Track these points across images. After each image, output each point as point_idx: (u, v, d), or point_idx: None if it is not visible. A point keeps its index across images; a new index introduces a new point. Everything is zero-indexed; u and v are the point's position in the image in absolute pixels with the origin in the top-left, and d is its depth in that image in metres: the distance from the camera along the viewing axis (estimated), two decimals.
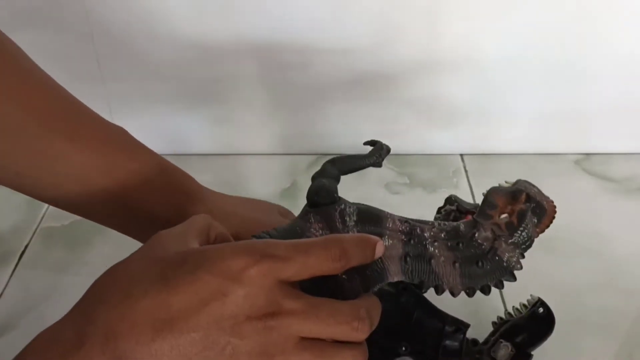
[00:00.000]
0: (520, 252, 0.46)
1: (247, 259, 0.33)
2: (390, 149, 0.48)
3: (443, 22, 0.70)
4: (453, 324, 0.51)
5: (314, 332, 0.34)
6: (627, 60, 0.72)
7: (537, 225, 0.47)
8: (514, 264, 0.45)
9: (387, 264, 0.41)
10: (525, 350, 0.52)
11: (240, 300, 0.33)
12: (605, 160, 0.79)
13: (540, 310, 0.53)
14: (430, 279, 0.42)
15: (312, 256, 0.35)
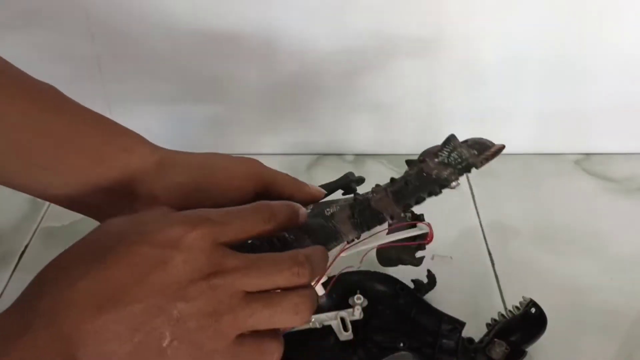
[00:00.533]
0: (453, 170, 0.49)
1: (184, 227, 0.34)
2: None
3: (443, 21, 0.70)
4: (449, 323, 0.52)
5: (258, 285, 0.35)
6: (627, 60, 0.72)
7: (478, 155, 0.51)
8: (444, 176, 0.49)
9: (338, 226, 0.45)
10: (519, 348, 0.53)
11: (180, 266, 0.33)
12: (605, 160, 0.79)
13: (532, 310, 0.54)
14: (374, 219, 0.45)
15: (245, 219, 0.37)
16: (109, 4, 0.69)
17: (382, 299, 0.53)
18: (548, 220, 0.71)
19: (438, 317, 0.53)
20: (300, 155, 0.80)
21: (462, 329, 0.52)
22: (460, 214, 0.72)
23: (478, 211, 0.72)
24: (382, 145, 0.80)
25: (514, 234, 0.69)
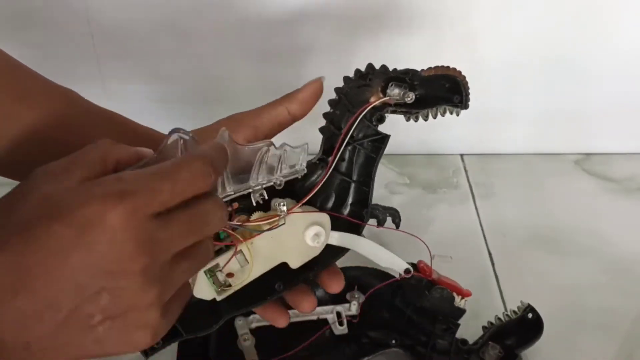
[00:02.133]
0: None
1: (104, 203, 0.30)
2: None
3: (443, 21, 0.70)
4: (444, 323, 0.52)
5: (190, 241, 0.34)
6: (627, 61, 0.72)
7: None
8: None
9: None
10: (513, 352, 0.53)
11: (105, 248, 0.30)
12: (605, 160, 0.79)
13: (529, 315, 0.54)
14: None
15: (178, 180, 0.33)
16: (108, 4, 0.69)
17: (379, 295, 0.53)
18: (548, 220, 0.71)
19: (433, 317, 0.53)
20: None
21: (456, 329, 0.52)
22: (460, 214, 0.72)
23: (478, 211, 0.72)
24: None
25: (514, 234, 0.69)
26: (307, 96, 0.49)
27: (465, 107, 0.50)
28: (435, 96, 0.48)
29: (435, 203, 0.74)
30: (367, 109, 0.45)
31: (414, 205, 0.73)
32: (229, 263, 0.42)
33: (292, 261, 0.44)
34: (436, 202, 0.74)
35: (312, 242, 0.43)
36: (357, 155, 0.48)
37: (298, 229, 0.43)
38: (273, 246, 0.43)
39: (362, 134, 0.47)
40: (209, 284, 0.42)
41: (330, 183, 0.47)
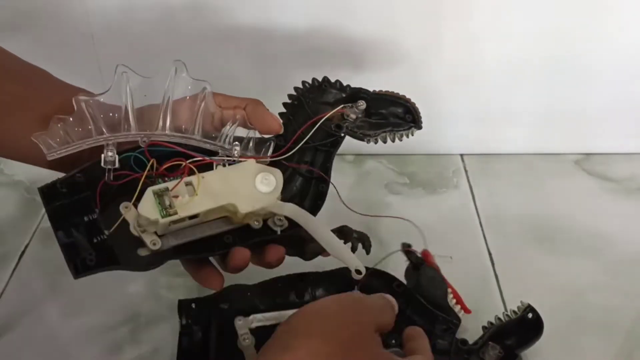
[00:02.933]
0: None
1: None
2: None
3: (443, 21, 0.70)
4: (444, 323, 0.52)
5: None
6: (627, 60, 0.72)
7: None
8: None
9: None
10: (513, 352, 0.53)
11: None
12: (605, 160, 0.79)
13: (529, 315, 0.54)
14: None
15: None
16: (108, 4, 0.69)
17: None
18: (548, 220, 0.71)
19: (433, 316, 0.53)
20: None
21: (456, 329, 0.52)
22: (460, 214, 0.72)
23: (478, 211, 0.72)
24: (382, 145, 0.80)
25: (514, 234, 0.69)
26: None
27: (419, 127, 0.53)
28: (387, 112, 0.53)
29: (435, 203, 0.74)
30: (325, 117, 0.50)
31: (414, 205, 0.73)
32: (178, 190, 0.44)
33: (240, 204, 0.45)
34: (436, 202, 0.74)
35: (261, 186, 0.46)
36: (315, 156, 0.51)
37: (249, 175, 0.46)
38: (224, 185, 0.45)
39: (320, 137, 0.51)
40: (155, 204, 0.43)
41: (291, 180, 0.51)
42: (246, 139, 0.49)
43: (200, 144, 0.46)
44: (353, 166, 0.79)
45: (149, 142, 0.45)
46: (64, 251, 0.44)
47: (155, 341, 0.58)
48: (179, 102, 0.48)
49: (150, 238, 0.44)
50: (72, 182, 0.44)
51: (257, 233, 0.47)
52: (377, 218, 0.70)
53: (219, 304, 0.54)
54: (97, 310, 0.61)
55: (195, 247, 0.46)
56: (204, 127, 0.47)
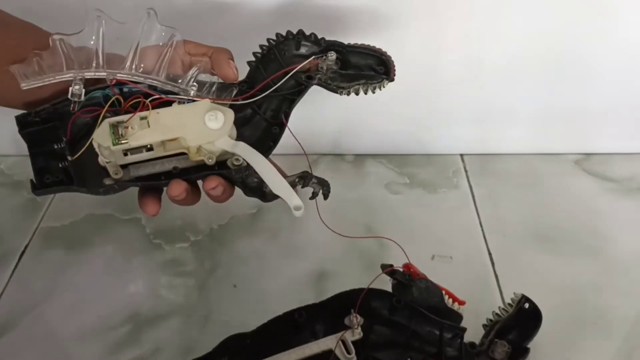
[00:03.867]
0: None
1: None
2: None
3: (443, 21, 0.70)
4: (450, 331, 0.52)
5: None
6: (627, 60, 0.72)
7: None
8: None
9: None
10: (522, 345, 0.53)
11: None
12: (605, 160, 0.79)
13: (526, 305, 0.54)
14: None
15: None
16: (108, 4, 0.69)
17: (378, 315, 0.52)
18: (548, 220, 0.71)
19: (438, 326, 0.52)
20: (301, 155, 0.80)
21: (463, 334, 0.52)
22: (460, 214, 0.72)
23: (478, 211, 0.72)
24: (382, 145, 0.81)
25: (514, 234, 0.69)
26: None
27: (391, 79, 0.53)
28: (360, 64, 0.54)
29: (435, 203, 0.74)
30: (298, 68, 0.52)
31: (414, 205, 0.73)
32: (132, 122, 0.47)
33: (189, 138, 0.47)
34: (436, 202, 0.74)
35: (208, 122, 0.47)
36: (282, 103, 0.53)
37: (200, 112, 0.48)
38: (176, 120, 0.48)
39: (288, 87, 0.52)
40: (109, 133, 0.46)
41: (251, 121, 0.52)
42: (209, 83, 0.52)
43: (162, 85, 0.50)
44: (353, 166, 0.80)
45: (114, 80, 0.49)
46: (33, 171, 0.49)
47: (155, 341, 0.58)
48: (148, 47, 0.51)
49: (114, 168, 0.48)
50: (45, 114, 0.49)
51: (208, 169, 0.49)
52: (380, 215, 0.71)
53: (219, 359, 0.51)
54: (97, 310, 0.61)
55: (152, 177, 0.49)
56: (172, 71, 0.51)
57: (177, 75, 0.51)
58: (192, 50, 0.52)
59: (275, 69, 0.52)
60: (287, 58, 0.53)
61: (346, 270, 0.57)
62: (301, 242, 0.68)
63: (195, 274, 0.65)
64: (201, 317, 0.60)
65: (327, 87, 0.52)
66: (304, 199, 0.49)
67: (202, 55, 0.52)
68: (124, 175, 0.48)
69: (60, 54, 0.49)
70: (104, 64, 0.49)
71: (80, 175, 0.49)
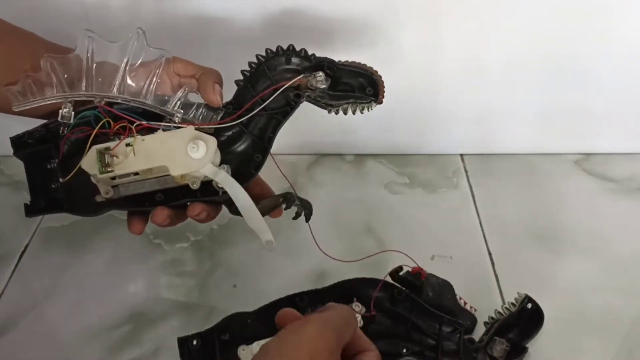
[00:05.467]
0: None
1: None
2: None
3: (443, 21, 0.70)
4: (449, 325, 0.52)
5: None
6: (627, 61, 0.72)
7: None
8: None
9: None
10: (520, 344, 0.53)
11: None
12: (605, 160, 0.79)
13: (528, 305, 0.54)
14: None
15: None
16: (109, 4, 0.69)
17: (380, 305, 0.53)
18: (548, 220, 0.71)
19: (438, 319, 0.52)
20: (300, 155, 0.80)
21: (462, 329, 0.52)
22: (460, 214, 0.72)
23: (478, 211, 0.72)
24: (382, 145, 0.81)
25: (514, 234, 0.69)
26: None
27: (379, 101, 0.53)
28: (350, 83, 0.53)
29: (435, 203, 0.74)
30: (287, 85, 0.51)
31: (414, 205, 0.73)
32: (118, 149, 0.48)
33: (172, 167, 0.48)
34: (436, 202, 0.74)
35: (190, 152, 0.48)
36: (269, 123, 0.53)
37: (184, 140, 0.48)
38: (160, 148, 0.48)
39: (277, 105, 0.52)
40: (96, 160, 0.47)
41: (237, 141, 0.53)
42: (196, 104, 0.52)
43: (150, 108, 0.50)
44: (353, 166, 0.79)
45: (102, 104, 0.49)
46: (29, 190, 0.50)
47: (155, 341, 0.58)
48: (137, 67, 0.51)
49: (105, 188, 0.49)
50: (39, 135, 0.50)
51: (192, 194, 0.50)
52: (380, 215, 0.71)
53: (220, 335, 0.53)
54: (97, 310, 0.61)
55: (137, 200, 0.50)
56: (162, 92, 0.51)
57: (165, 95, 0.51)
58: (181, 71, 0.52)
59: (264, 86, 0.52)
60: (277, 74, 0.53)
61: (346, 270, 0.57)
62: (301, 242, 0.68)
63: (195, 274, 0.65)
64: (201, 317, 0.60)
65: (317, 104, 0.53)
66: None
67: (190, 77, 0.52)
68: (114, 194, 0.50)
69: (51, 76, 0.49)
70: (93, 85, 0.50)
71: (72, 195, 0.50)
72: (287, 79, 0.52)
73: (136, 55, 0.51)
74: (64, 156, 0.50)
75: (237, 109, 0.52)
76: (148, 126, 0.49)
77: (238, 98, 0.53)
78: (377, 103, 0.53)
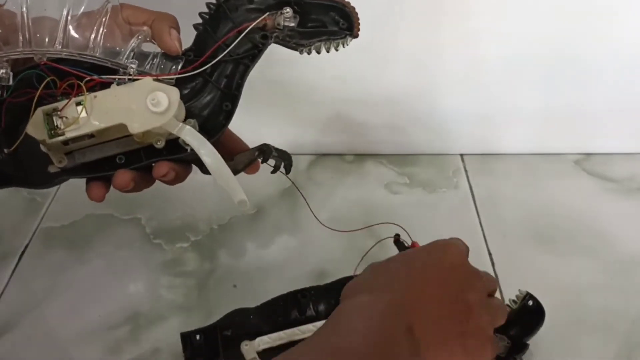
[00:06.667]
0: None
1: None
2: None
3: (443, 21, 0.70)
4: None
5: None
6: (627, 61, 0.72)
7: None
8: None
9: None
10: (521, 341, 0.53)
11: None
12: (605, 160, 0.79)
13: (530, 302, 0.54)
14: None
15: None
16: None
17: None
18: (548, 220, 0.71)
19: None
20: (300, 155, 0.80)
21: None
22: (460, 214, 0.72)
23: (478, 211, 0.72)
24: (382, 145, 0.81)
25: (514, 234, 0.69)
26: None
27: (354, 35, 0.49)
28: (321, 19, 0.48)
29: (435, 203, 0.74)
30: (252, 26, 0.47)
31: (414, 205, 0.73)
32: (67, 110, 0.42)
33: (131, 124, 0.43)
34: (436, 202, 0.74)
35: (150, 106, 0.43)
36: (237, 70, 0.48)
37: (142, 93, 0.43)
38: (116, 105, 0.43)
39: (243, 49, 0.48)
40: (43, 124, 0.42)
41: (202, 93, 0.48)
42: (152, 54, 0.47)
43: (99, 62, 0.45)
44: (353, 166, 0.79)
45: (44, 60, 0.44)
46: None
47: (155, 341, 0.58)
48: (80, 18, 0.46)
49: (57, 156, 0.44)
50: None
51: (157, 153, 0.46)
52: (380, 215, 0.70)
53: (222, 331, 0.53)
54: (97, 310, 0.61)
55: (97, 166, 0.46)
56: (111, 44, 0.46)
57: (115, 47, 0.45)
58: (131, 18, 0.47)
59: (227, 29, 0.47)
60: (239, 15, 0.48)
61: (346, 270, 0.57)
62: (301, 242, 0.68)
63: (195, 274, 0.65)
64: (201, 317, 0.60)
65: (286, 45, 0.48)
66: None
67: (143, 24, 0.47)
68: (68, 162, 0.45)
69: None
70: (31, 40, 0.44)
71: (21, 167, 0.45)
72: (252, 19, 0.47)
73: (77, 4, 0.45)
74: (6, 124, 0.44)
75: (199, 57, 0.47)
76: (100, 81, 0.44)
77: (198, 44, 0.48)
78: (353, 37, 0.49)
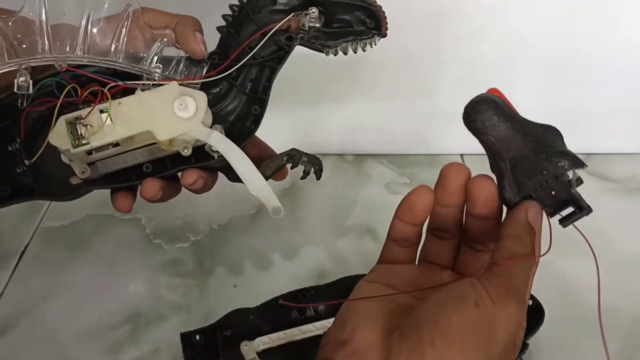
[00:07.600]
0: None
1: None
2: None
3: (443, 21, 0.70)
4: None
5: None
6: (627, 60, 0.72)
7: None
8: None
9: None
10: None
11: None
12: (605, 160, 0.79)
13: (529, 302, 0.54)
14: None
15: None
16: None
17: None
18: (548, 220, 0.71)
19: None
20: None
21: None
22: None
23: None
24: (382, 145, 0.81)
25: None
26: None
27: (382, 34, 0.47)
28: (347, 19, 0.47)
29: None
30: (276, 28, 0.45)
31: None
32: (91, 118, 0.40)
33: (158, 131, 0.42)
34: None
35: (177, 111, 0.41)
36: (262, 73, 0.47)
37: (168, 99, 0.42)
38: (141, 111, 0.42)
39: (268, 52, 0.47)
40: (67, 133, 0.40)
41: (227, 97, 0.47)
42: (176, 59, 0.46)
43: (122, 68, 0.43)
44: (353, 166, 0.79)
45: (65, 67, 0.42)
46: None
47: (155, 341, 0.58)
48: (100, 23, 0.44)
49: (80, 167, 0.43)
50: None
51: (184, 161, 0.44)
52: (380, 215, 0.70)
53: (222, 331, 0.53)
54: (97, 310, 0.61)
55: (123, 175, 0.44)
56: (133, 48, 0.44)
57: (138, 52, 0.44)
58: (153, 22, 0.45)
59: (251, 32, 0.46)
60: (263, 17, 0.46)
61: (346, 270, 0.57)
62: (301, 242, 0.68)
63: (195, 274, 0.65)
64: (201, 317, 0.60)
65: (311, 46, 0.46)
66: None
67: (165, 28, 0.46)
68: (92, 173, 0.43)
69: (1, 40, 0.42)
70: (50, 47, 0.42)
71: (42, 179, 0.43)
72: (275, 20, 0.46)
73: (97, 8, 0.44)
74: (26, 134, 0.43)
75: (224, 60, 0.46)
76: (124, 87, 0.42)
77: (223, 47, 0.47)
78: (381, 36, 0.47)
